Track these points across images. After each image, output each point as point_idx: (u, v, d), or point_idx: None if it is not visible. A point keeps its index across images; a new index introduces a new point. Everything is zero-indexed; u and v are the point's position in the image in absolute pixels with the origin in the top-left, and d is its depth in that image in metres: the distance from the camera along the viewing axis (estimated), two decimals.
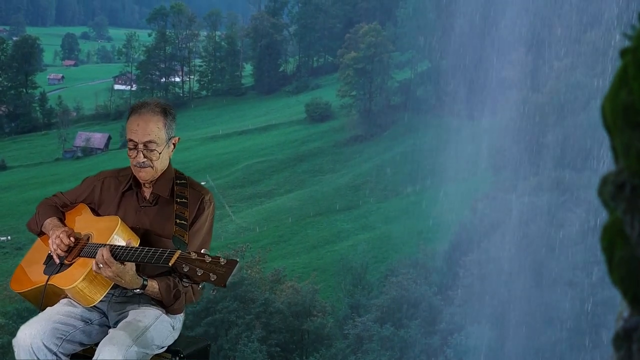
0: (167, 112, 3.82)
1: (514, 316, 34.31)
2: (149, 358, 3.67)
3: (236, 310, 36.01)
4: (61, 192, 4.10)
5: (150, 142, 3.72)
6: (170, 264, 3.35)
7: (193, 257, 3.32)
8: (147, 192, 3.86)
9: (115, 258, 3.50)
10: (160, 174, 3.83)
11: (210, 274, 3.27)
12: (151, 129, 3.73)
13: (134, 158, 3.74)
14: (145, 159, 3.72)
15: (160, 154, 3.75)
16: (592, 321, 31.28)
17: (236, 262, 3.32)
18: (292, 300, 37.28)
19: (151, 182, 3.83)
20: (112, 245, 3.56)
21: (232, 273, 3.28)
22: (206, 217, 3.84)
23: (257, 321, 36.30)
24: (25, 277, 3.90)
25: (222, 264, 3.29)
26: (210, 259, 3.30)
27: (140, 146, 3.72)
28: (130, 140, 3.76)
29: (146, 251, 3.48)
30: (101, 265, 3.51)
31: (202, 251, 3.35)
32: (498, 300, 35.32)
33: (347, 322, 37.22)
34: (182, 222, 3.72)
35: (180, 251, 3.38)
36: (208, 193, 3.91)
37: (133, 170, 3.80)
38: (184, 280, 3.37)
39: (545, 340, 33.72)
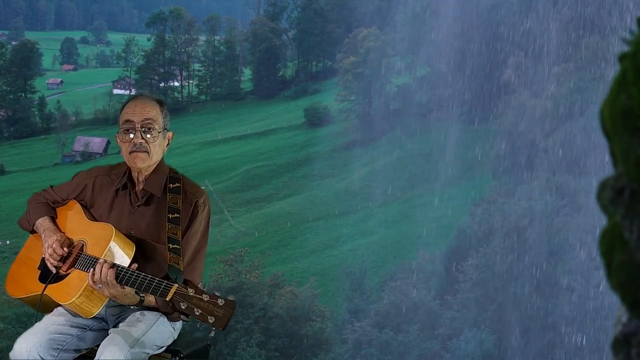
0: (161, 103, 3.83)
1: (513, 321, 34.31)
2: (148, 358, 3.66)
3: (235, 315, 35.68)
4: (52, 187, 4.05)
5: (149, 119, 3.68)
6: (167, 299, 3.33)
7: (190, 294, 3.28)
8: (139, 189, 3.79)
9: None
10: (154, 169, 3.77)
11: (209, 316, 3.23)
12: (149, 109, 3.72)
13: (130, 141, 3.67)
14: (143, 141, 3.66)
15: (159, 132, 3.71)
16: (591, 326, 31.27)
17: (234, 303, 3.29)
18: (291, 305, 37.25)
19: (145, 176, 3.77)
20: (114, 264, 3.53)
21: (231, 315, 3.25)
22: (200, 221, 3.77)
23: (256, 326, 36.28)
24: (21, 282, 3.86)
25: (220, 304, 3.25)
26: (207, 298, 3.26)
27: (138, 126, 3.67)
28: (127, 120, 3.69)
29: (143, 277, 3.44)
30: (100, 286, 3.49)
31: (199, 286, 3.33)
32: (496, 305, 35.33)
33: (346, 327, 37.19)
34: (176, 246, 3.63)
35: (177, 285, 3.34)
36: (202, 195, 3.83)
37: (127, 160, 3.73)
38: (181, 316, 3.36)
39: (543, 345, 33.72)
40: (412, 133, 59.16)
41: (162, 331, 3.70)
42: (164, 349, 3.79)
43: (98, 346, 3.59)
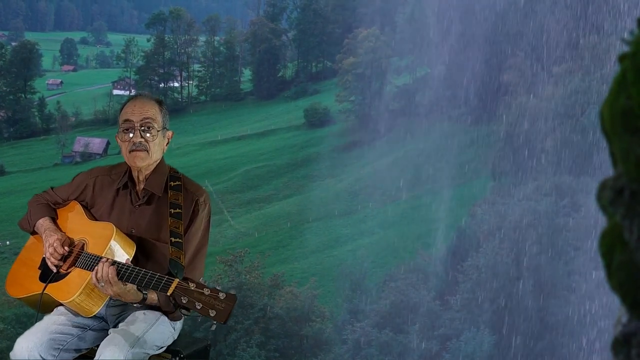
0: (161, 102, 3.87)
1: (513, 321, 34.31)
2: (148, 358, 3.66)
3: (235, 316, 35.95)
4: (52, 188, 4.06)
5: (148, 118, 3.71)
6: (168, 293, 3.34)
7: (191, 288, 3.28)
8: (140, 188, 3.81)
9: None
10: (154, 169, 3.79)
11: (210, 310, 3.24)
12: (148, 108, 3.75)
13: (130, 140, 3.70)
14: (142, 140, 3.69)
15: (158, 131, 3.74)
16: (591, 326, 31.27)
17: (235, 297, 3.28)
18: (291, 306, 37.25)
19: (145, 175, 3.79)
20: (114, 261, 3.53)
21: (232, 309, 3.25)
22: (201, 220, 3.79)
23: (256, 326, 36.27)
24: (21, 282, 3.87)
25: (221, 298, 3.25)
26: (208, 292, 3.26)
27: (137, 125, 3.70)
28: (127, 120, 3.72)
29: (144, 273, 3.45)
30: (102, 284, 3.50)
31: (200, 280, 3.33)
32: (497, 305, 35.31)
33: (346, 328, 37.18)
34: (178, 240, 3.65)
35: (177, 280, 3.35)
36: (203, 194, 3.85)
37: (127, 159, 3.75)
38: (182, 310, 3.36)
39: (543, 345, 33.71)
40: (412, 134, 59.15)
41: (162, 331, 3.70)
42: (164, 349, 3.79)
43: (98, 346, 3.59)
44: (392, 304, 36.79)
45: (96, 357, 3.52)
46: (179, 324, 3.85)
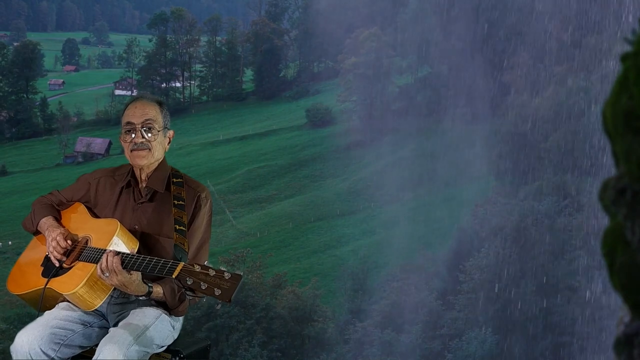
0: (161, 103, 3.91)
1: (515, 321, 34.30)
2: (148, 357, 3.66)
3: (237, 316, 36.00)
4: (57, 190, 4.08)
5: (149, 120, 3.76)
6: (173, 276, 3.35)
7: (197, 270, 3.29)
8: (142, 187, 3.85)
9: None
10: (156, 167, 3.83)
11: (215, 289, 3.24)
12: (149, 109, 3.80)
13: (131, 141, 3.75)
14: (144, 139, 3.74)
15: (159, 131, 3.78)
16: (593, 326, 31.25)
17: (240, 276, 3.29)
18: (293, 306, 37.27)
19: (147, 174, 3.83)
20: (118, 252, 3.54)
21: (237, 288, 3.26)
22: (203, 215, 3.83)
23: (258, 326, 36.29)
24: (23, 279, 3.86)
25: (227, 278, 3.25)
26: (214, 273, 3.27)
27: (139, 126, 3.75)
28: (128, 122, 3.77)
29: (149, 260, 3.46)
30: (107, 274, 3.50)
31: (205, 263, 3.34)
32: (499, 305, 35.30)
33: (348, 327, 37.20)
34: (182, 227, 3.69)
35: (183, 263, 3.36)
36: (204, 190, 3.90)
37: (129, 159, 3.80)
38: (187, 292, 3.36)
39: (545, 345, 33.70)
40: (414, 133, 59.14)
41: (162, 329, 3.70)
42: (164, 348, 3.79)
43: (96, 345, 3.60)
44: (394, 303, 36.80)
45: (96, 355, 3.51)
46: (179, 324, 3.86)
